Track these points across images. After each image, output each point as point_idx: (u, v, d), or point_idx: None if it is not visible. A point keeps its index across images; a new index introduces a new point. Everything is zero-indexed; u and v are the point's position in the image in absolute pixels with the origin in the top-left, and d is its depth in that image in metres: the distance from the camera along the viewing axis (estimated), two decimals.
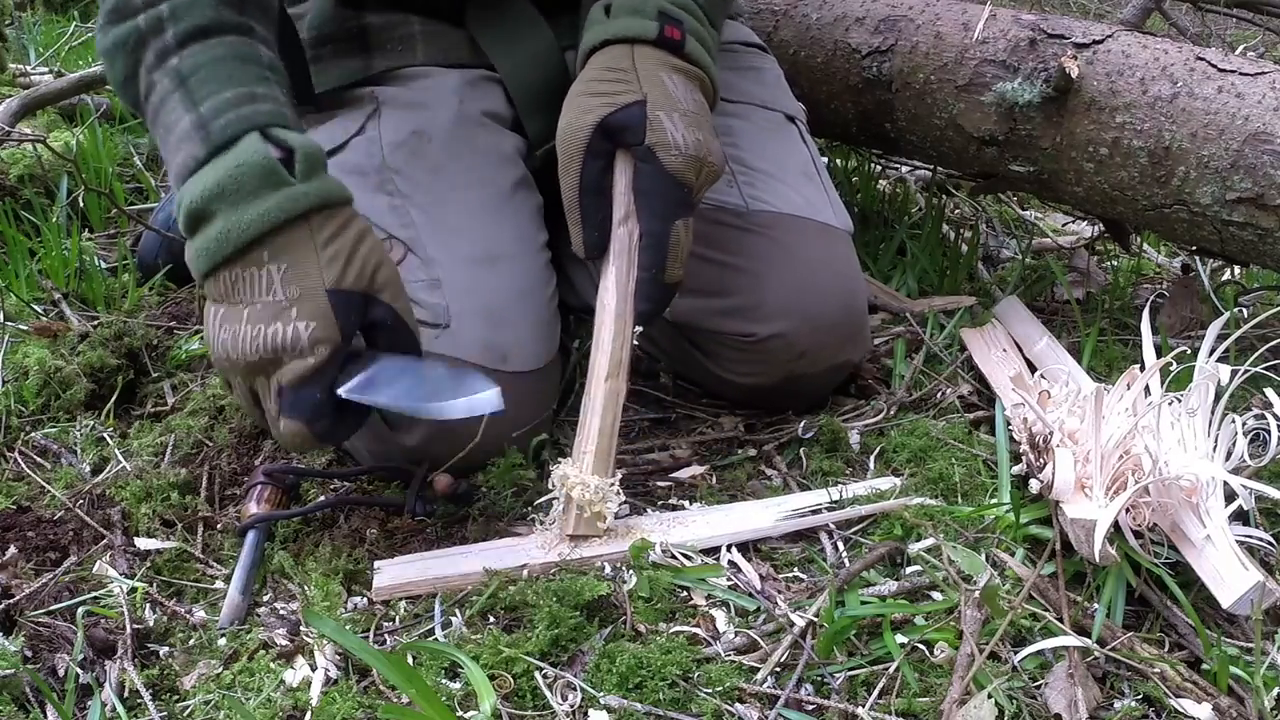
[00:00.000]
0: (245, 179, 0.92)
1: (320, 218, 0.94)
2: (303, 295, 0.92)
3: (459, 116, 1.21)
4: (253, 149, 0.92)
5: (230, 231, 0.92)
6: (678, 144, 1.03)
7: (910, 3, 1.52)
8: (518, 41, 1.26)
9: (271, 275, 0.92)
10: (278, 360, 0.93)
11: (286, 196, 0.92)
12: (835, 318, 1.20)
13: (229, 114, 0.94)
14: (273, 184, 0.92)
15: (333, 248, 0.93)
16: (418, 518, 1.08)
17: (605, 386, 1.03)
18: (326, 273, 0.92)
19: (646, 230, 1.04)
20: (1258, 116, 1.18)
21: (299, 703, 0.84)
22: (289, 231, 0.92)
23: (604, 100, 1.04)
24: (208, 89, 0.95)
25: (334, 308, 0.92)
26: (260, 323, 0.92)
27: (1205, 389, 1.02)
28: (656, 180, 1.03)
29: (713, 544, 1.02)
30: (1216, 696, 0.85)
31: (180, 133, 0.96)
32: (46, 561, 1.02)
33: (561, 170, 1.06)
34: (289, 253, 0.92)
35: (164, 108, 0.97)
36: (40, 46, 2.99)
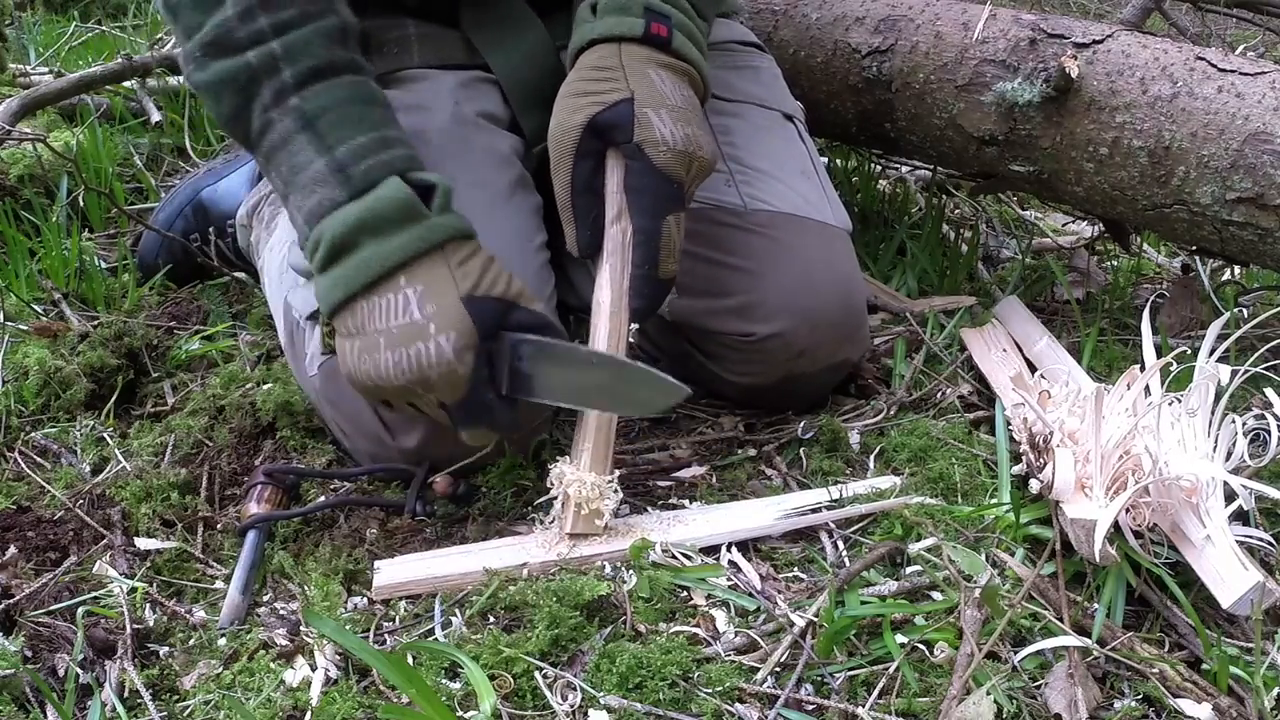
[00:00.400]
0: (388, 213, 0.95)
1: (453, 245, 0.97)
2: (439, 310, 0.94)
3: (455, 118, 1.21)
4: (395, 189, 0.96)
5: (371, 260, 0.95)
6: (666, 140, 1.03)
7: (910, 3, 1.52)
8: (513, 41, 1.26)
9: (409, 297, 0.95)
10: (426, 379, 0.94)
11: (426, 227, 0.96)
12: (834, 317, 1.20)
13: (369, 160, 0.97)
14: (413, 217, 0.96)
15: (465, 267, 0.97)
16: (418, 518, 1.08)
17: None
18: (461, 285, 0.95)
19: (638, 227, 1.04)
20: (1258, 116, 1.18)
21: (299, 703, 0.84)
22: (425, 259, 0.96)
23: (592, 99, 1.05)
24: (340, 133, 0.98)
25: (471, 315, 0.94)
26: (401, 346, 0.94)
27: (1205, 389, 1.02)
28: (646, 177, 1.03)
29: (713, 543, 1.02)
30: (1216, 696, 0.85)
31: (314, 175, 0.98)
32: (46, 561, 1.02)
33: (553, 171, 1.06)
34: (425, 275, 0.95)
35: (288, 147, 0.99)
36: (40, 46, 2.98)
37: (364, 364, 0.96)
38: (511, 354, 0.97)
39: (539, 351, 0.97)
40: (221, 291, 1.58)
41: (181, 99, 2.26)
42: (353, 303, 0.96)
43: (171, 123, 2.23)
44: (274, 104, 0.99)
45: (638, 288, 1.04)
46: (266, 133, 1.01)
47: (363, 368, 0.96)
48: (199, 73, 1.01)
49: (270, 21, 0.99)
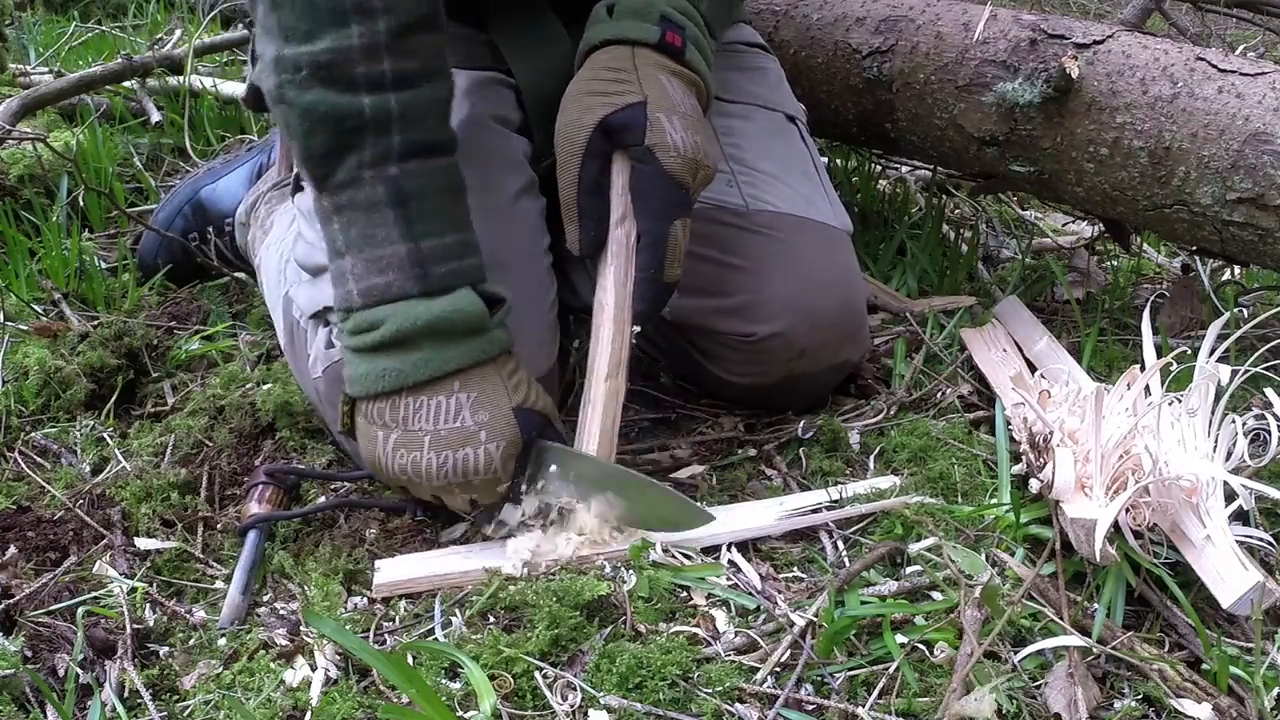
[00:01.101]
0: (459, 323, 0.96)
1: (504, 358, 0.99)
2: (492, 419, 0.96)
3: (469, 119, 1.21)
4: (468, 301, 0.97)
5: (430, 362, 0.95)
6: (676, 146, 1.04)
7: (910, 3, 1.52)
8: (539, 51, 1.26)
9: (460, 403, 0.96)
10: (469, 483, 0.97)
11: (488, 339, 0.98)
12: (834, 317, 1.20)
13: (450, 264, 0.97)
14: (477, 330, 0.97)
15: (514, 379, 0.99)
16: (418, 519, 1.07)
17: (605, 386, 1.04)
18: (513, 396, 0.97)
19: (645, 230, 1.04)
20: (1258, 116, 1.18)
21: (299, 703, 0.84)
22: (480, 368, 0.97)
23: (605, 100, 1.05)
24: (428, 224, 0.97)
25: (520, 424, 0.96)
26: (448, 449, 0.95)
27: (1205, 389, 1.02)
28: (655, 181, 1.03)
29: (713, 543, 1.02)
30: (1216, 696, 0.85)
31: (392, 258, 0.96)
32: (46, 561, 1.02)
33: (560, 168, 1.06)
34: (479, 384, 0.96)
35: (371, 216, 0.96)
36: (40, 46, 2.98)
37: (400, 458, 0.96)
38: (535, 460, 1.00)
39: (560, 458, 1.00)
40: (221, 291, 1.58)
41: (181, 99, 2.26)
42: (396, 396, 0.96)
43: (171, 123, 2.23)
44: (372, 165, 0.95)
45: (642, 291, 1.05)
46: (351, 188, 0.96)
47: (399, 461, 0.96)
48: (298, 92, 0.94)
49: (394, 68, 0.94)
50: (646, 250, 1.04)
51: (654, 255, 1.04)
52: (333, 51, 0.93)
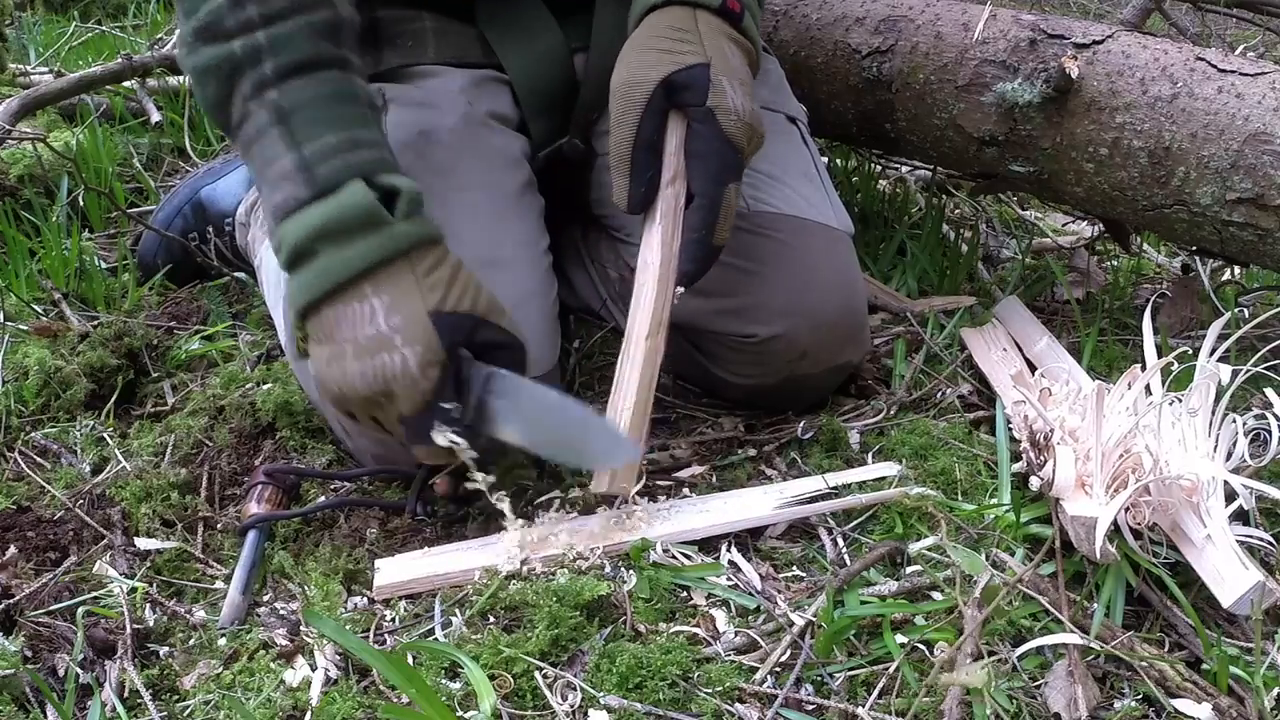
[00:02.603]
0: (349, 219, 0.93)
1: (419, 253, 0.95)
2: (406, 323, 0.93)
3: (466, 118, 1.21)
4: (358, 193, 0.94)
5: (332, 268, 0.93)
6: (736, 109, 1.04)
7: (910, 3, 1.52)
8: (528, 40, 1.26)
9: (374, 308, 0.93)
10: (390, 391, 0.93)
11: (389, 235, 0.94)
12: (836, 318, 1.20)
13: (334, 160, 0.95)
14: (375, 224, 0.94)
15: (433, 277, 0.95)
16: (418, 518, 1.08)
17: (645, 345, 1.03)
18: (429, 298, 0.94)
19: (700, 191, 1.04)
20: (1258, 117, 1.18)
21: (299, 703, 0.84)
22: (391, 267, 0.94)
23: (670, 58, 1.05)
24: (310, 131, 0.96)
25: (438, 331, 0.93)
26: (367, 356, 0.93)
27: (1206, 389, 1.02)
28: (714, 142, 1.04)
29: (711, 534, 1.02)
30: (1216, 696, 0.85)
31: (280, 171, 0.96)
32: (46, 561, 1.02)
33: (615, 121, 1.06)
34: (391, 285, 0.94)
35: (261, 140, 0.98)
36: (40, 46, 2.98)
37: (332, 371, 0.95)
38: (483, 385, 0.96)
39: (510, 388, 0.95)
40: (221, 291, 1.58)
41: (181, 99, 2.26)
42: (319, 308, 0.95)
43: (171, 123, 2.23)
44: (253, 95, 0.98)
45: (691, 252, 1.05)
46: (244, 124, 0.99)
47: (331, 374, 0.95)
48: (189, 57, 1.00)
49: (259, 11, 0.97)
50: (699, 211, 1.04)
51: (707, 216, 1.04)
52: (208, 13, 0.98)
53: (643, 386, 1.01)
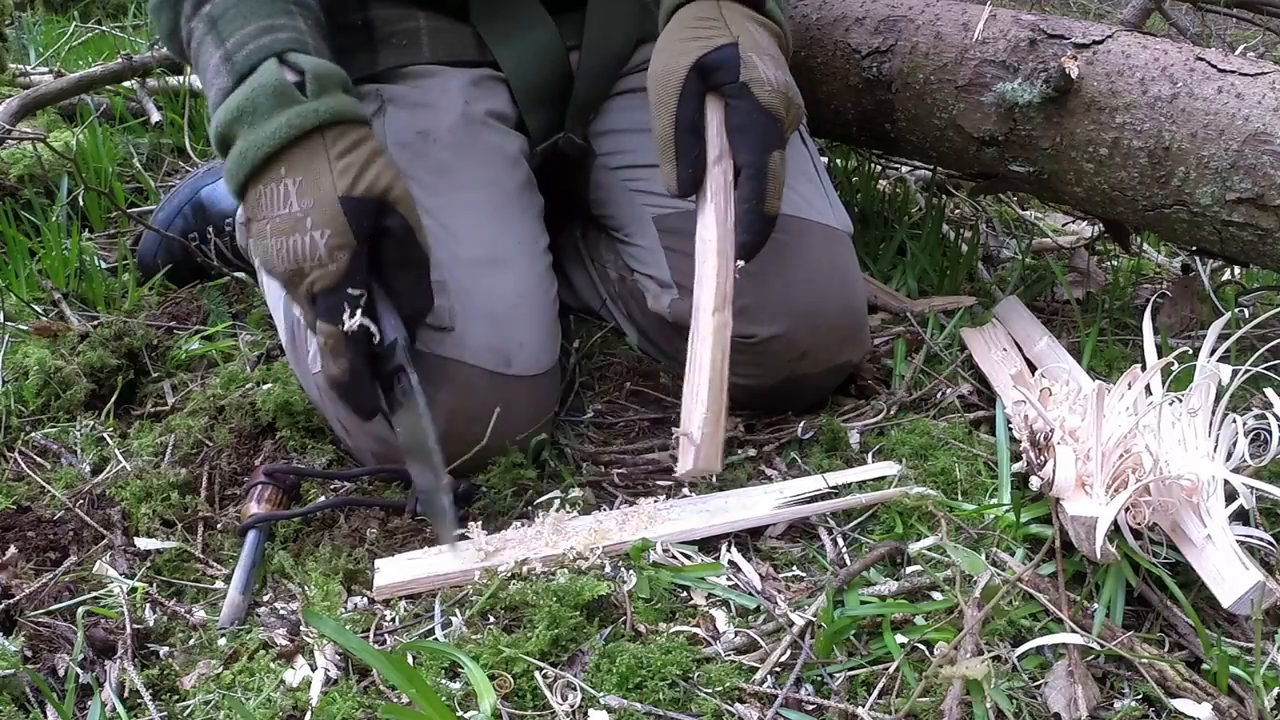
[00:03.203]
0: (259, 100, 0.96)
1: (334, 133, 0.97)
2: (316, 204, 0.95)
3: (464, 117, 1.21)
4: (268, 73, 0.97)
5: (248, 151, 0.97)
6: (770, 80, 1.06)
7: (910, 3, 1.52)
8: (522, 38, 1.26)
9: (288, 188, 0.96)
10: (301, 270, 0.96)
11: (296, 113, 0.96)
12: (835, 319, 1.20)
13: (250, 45, 0.99)
14: (284, 103, 0.96)
15: (345, 160, 0.97)
16: (418, 517, 1.07)
17: (714, 319, 1.04)
18: (339, 181, 0.95)
19: (745, 163, 1.06)
20: (1258, 117, 1.18)
21: (299, 703, 0.84)
22: (304, 146, 0.96)
23: (698, 44, 1.07)
24: (233, 26, 1.01)
25: (347, 214, 0.95)
26: (282, 235, 0.96)
27: (1206, 389, 1.02)
28: (752, 114, 1.06)
29: (710, 534, 1.02)
30: (1216, 696, 0.85)
31: (211, 70, 1.02)
32: (46, 561, 1.02)
33: (655, 111, 1.08)
34: (303, 166, 0.96)
35: (200, 51, 1.04)
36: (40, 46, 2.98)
37: (258, 248, 0.98)
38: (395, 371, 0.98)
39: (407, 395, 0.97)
40: (221, 291, 1.58)
41: (181, 99, 2.26)
42: (246, 190, 0.99)
43: (171, 123, 2.23)
44: (192, 14, 1.04)
45: (745, 222, 1.06)
46: (189, 42, 1.05)
47: (258, 251, 0.99)
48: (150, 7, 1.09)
49: None
50: (748, 182, 1.06)
51: (756, 186, 1.06)
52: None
53: (715, 361, 1.02)
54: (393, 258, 0.98)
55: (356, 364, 0.97)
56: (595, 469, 1.18)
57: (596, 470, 1.18)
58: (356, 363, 0.97)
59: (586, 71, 1.28)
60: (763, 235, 1.08)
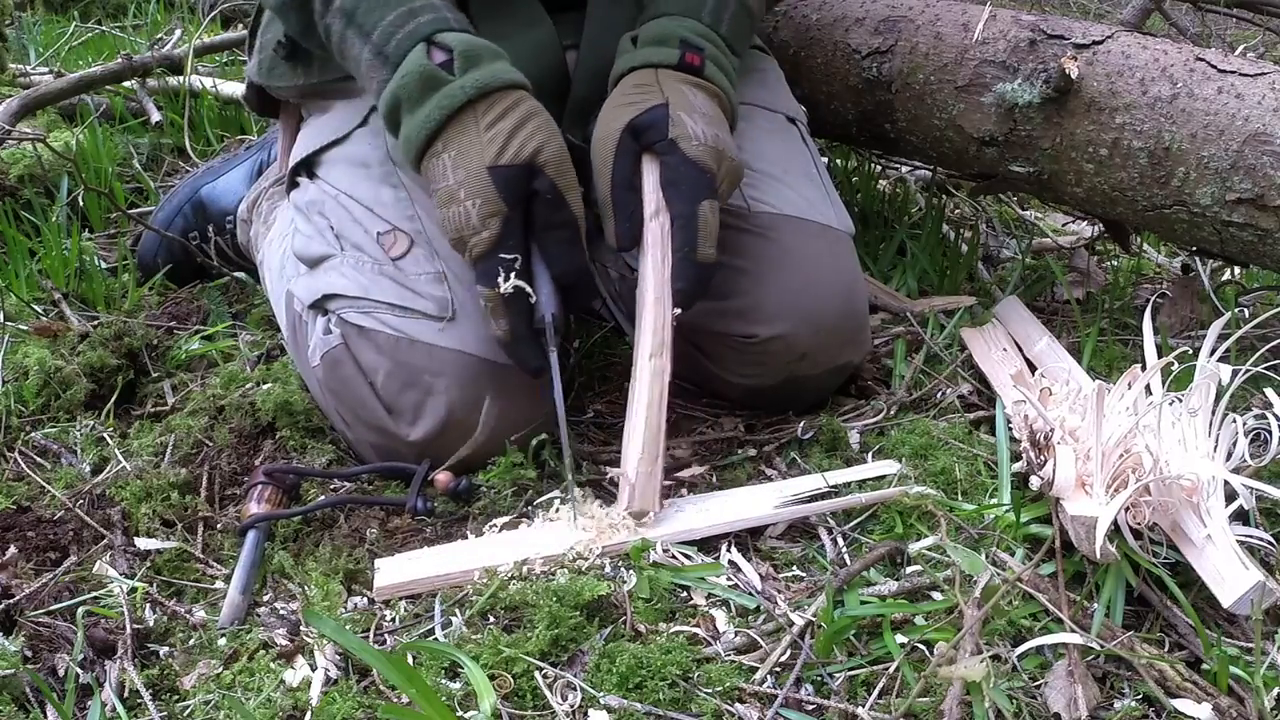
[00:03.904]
0: (411, 88, 1.04)
1: (485, 104, 1.04)
2: (468, 176, 1.02)
3: None
4: (415, 60, 1.04)
5: (410, 136, 1.05)
6: (698, 135, 1.10)
7: (910, 3, 1.52)
8: (521, 36, 1.27)
9: (445, 163, 1.04)
10: (462, 239, 1.04)
11: (445, 94, 1.04)
12: (836, 319, 1.20)
13: (397, 35, 1.06)
14: (433, 86, 1.04)
15: (495, 129, 1.03)
16: (418, 515, 1.08)
17: (650, 365, 1.07)
18: (487, 151, 1.02)
19: (676, 214, 1.09)
20: (1258, 117, 1.18)
21: (299, 703, 0.84)
22: (457, 122, 1.04)
23: (632, 108, 1.12)
24: (373, 17, 1.07)
25: (495, 183, 1.01)
26: (444, 207, 1.04)
27: (1206, 389, 1.02)
28: (681, 168, 1.09)
29: (711, 533, 1.02)
30: (1216, 696, 0.85)
31: (366, 65, 1.08)
32: (46, 561, 1.02)
33: (596, 176, 1.13)
34: (457, 140, 1.04)
35: (345, 46, 1.10)
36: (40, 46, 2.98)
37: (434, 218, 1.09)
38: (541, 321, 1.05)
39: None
40: (221, 291, 1.58)
41: (181, 99, 2.26)
42: (419, 169, 1.07)
43: (171, 123, 2.23)
44: (324, 11, 1.10)
45: (679, 271, 1.09)
46: (330, 39, 1.12)
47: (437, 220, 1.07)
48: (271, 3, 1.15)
49: None
50: (681, 231, 1.09)
51: (687, 235, 1.08)
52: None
53: (653, 402, 1.05)
54: (543, 220, 1.04)
55: (516, 325, 1.04)
56: (595, 469, 1.18)
57: (596, 470, 1.18)
58: (516, 324, 1.04)
59: (584, 72, 1.28)
60: (698, 284, 1.10)
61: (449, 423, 1.08)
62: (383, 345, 1.11)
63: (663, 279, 1.08)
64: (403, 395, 1.10)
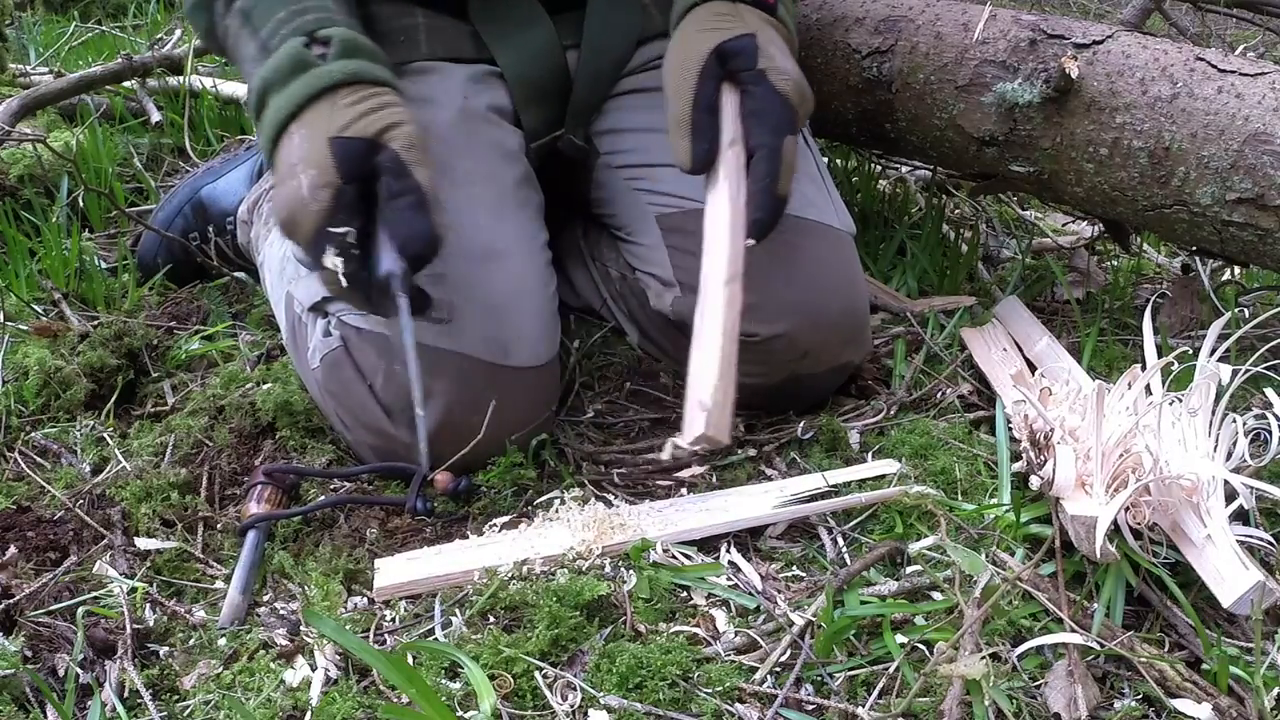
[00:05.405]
0: (282, 71, 1.02)
1: (349, 90, 1.01)
2: (309, 148, 0.98)
3: (464, 112, 1.22)
4: (290, 47, 1.02)
5: (272, 116, 1.02)
6: (787, 70, 1.10)
7: (910, 3, 1.52)
8: (520, 37, 1.27)
9: (294, 141, 1.00)
10: (293, 216, 0.98)
11: (313, 75, 1.01)
12: (837, 319, 1.20)
13: (281, 30, 1.05)
14: (301, 70, 1.02)
15: (350, 110, 1.00)
16: (418, 516, 1.08)
17: (725, 290, 1.01)
18: (332, 124, 0.99)
19: (760, 144, 1.08)
20: (1258, 117, 1.18)
21: (299, 703, 0.84)
22: (317, 104, 1.01)
23: (720, 32, 1.10)
24: (265, 15, 1.06)
25: (333, 155, 0.97)
26: (282, 184, 1.00)
27: (1206, 388, 1.02)
28: (769, 99, 1.09)
29: (711, 534, 1.02)
30: (1216, 696, 0.85)
31: (250, 59, 1.07)
32: (46, 561, 1.02)
33: (673, 96, 1.10)
34: (310, 119, 1.00)
35: (238, 45, 1.09)
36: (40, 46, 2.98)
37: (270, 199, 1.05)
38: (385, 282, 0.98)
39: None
40: (221, 291, 1.58)
41: (181, 99, 2.26)
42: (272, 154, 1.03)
43: (171, 123, 2.23)
44: (225, 11, 1.10)
45: (759, 201, 1.08)
46: (226, 39, 1.11)
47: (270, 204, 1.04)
48: (185, 5, 1.15)
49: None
50: (763, 162, 1.08)
51: (770, 167, 1.07)
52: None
53: (727, 329, 0.99)
54: (386, 190, 0.99)
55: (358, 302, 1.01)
56: (595, 469, 1.18)
57: (596, 470, 1.18)
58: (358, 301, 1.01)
59: (585, 72, 1.28)
60: (774, 215, 1.09)
61: (447, 424, 1.08)
62: (381, 347, 1.11)
63: (738, 208, 1.06)
64: (401, 397, 1.10)
